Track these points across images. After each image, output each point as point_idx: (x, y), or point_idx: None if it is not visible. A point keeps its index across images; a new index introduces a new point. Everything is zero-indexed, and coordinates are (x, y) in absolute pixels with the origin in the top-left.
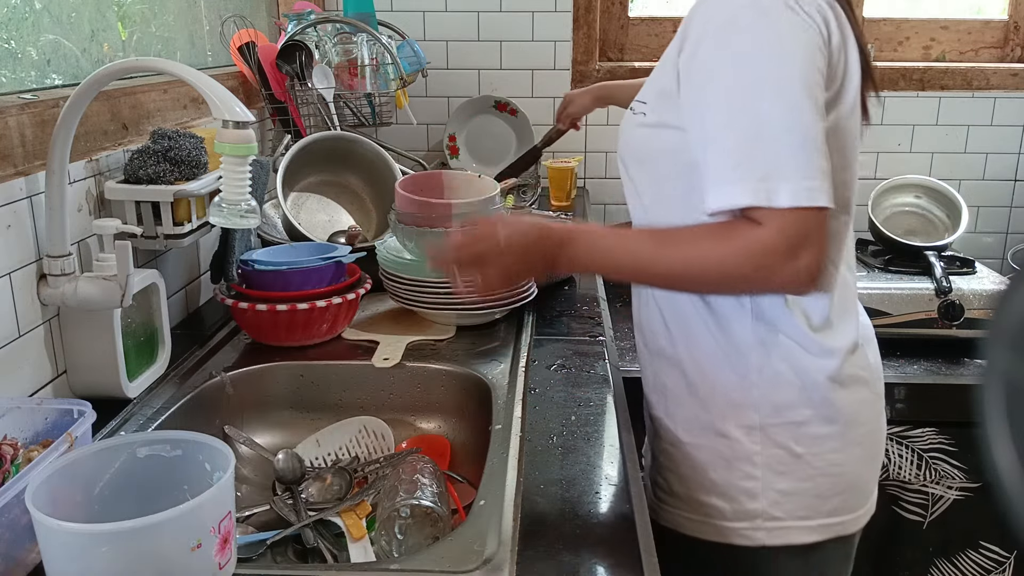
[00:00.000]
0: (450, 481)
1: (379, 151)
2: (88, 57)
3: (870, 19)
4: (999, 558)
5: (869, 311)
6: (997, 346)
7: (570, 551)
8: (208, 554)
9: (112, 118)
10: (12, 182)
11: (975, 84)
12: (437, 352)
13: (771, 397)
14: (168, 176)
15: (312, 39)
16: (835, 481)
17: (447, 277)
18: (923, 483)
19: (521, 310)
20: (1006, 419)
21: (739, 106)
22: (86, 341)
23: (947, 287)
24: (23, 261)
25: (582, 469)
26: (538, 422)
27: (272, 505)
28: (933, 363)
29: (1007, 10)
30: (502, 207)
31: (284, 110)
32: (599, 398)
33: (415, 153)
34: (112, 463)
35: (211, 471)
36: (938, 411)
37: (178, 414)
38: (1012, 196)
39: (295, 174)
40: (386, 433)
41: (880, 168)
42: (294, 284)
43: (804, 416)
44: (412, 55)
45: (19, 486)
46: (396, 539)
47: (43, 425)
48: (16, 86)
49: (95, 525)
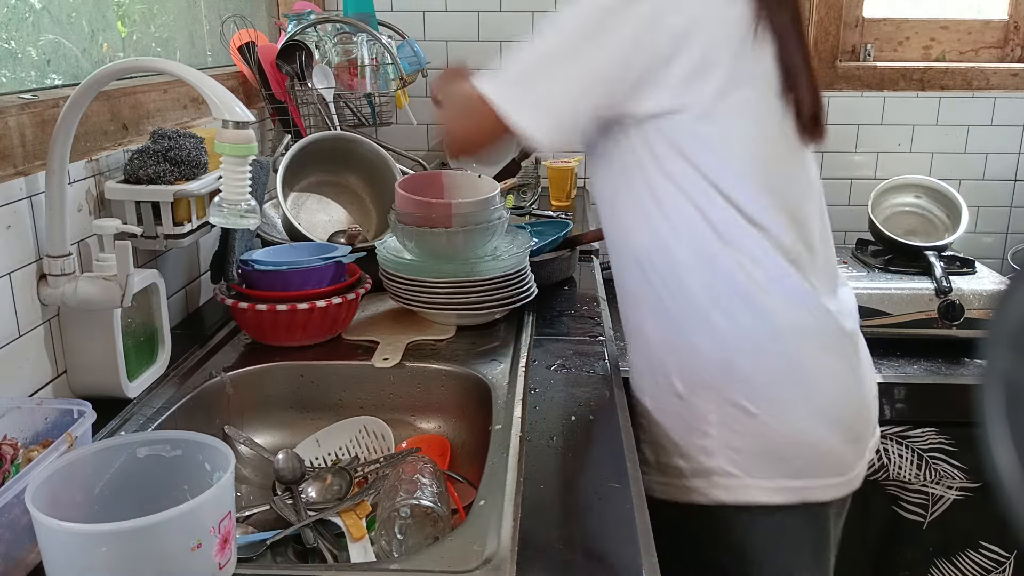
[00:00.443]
0: (450, 481)
1: (379, 151)
2: (88, 57)
3: (870, 19)
4: (999, 558)
5: (869, 311)
6: (997, 346)
7: (570, 551)
8: (208, 554)
9: (112, 118)
10: (12, 182)
11: (975, 84)
12: (437, 352)
13: (725, 357)
14: (168, 176)
15: (312, 39)
16: (796, 444)
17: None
18: (923, 483)
19: (521, 310)
20: (1006, 419)
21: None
22: (86, 341)
23: (947, 287)
24: (23, 261)
25: (582, 469)
26: (538, 422)
27: (272, 505)
28: (933, 363)
29: (1007, 10)
30: (502, 207)
31: (284, 110)
32: (599, 398)
33: (415, 153)
34: (112, 463)
35: (211, 471)
36: (938, 411)
37: (178, 414)
38: (1012, 196)
39: (295, 174)
40: (386, 433)
41: (880, 168)
42: (294, 284)
43: (758, 375)
44: (412, 55)
45: (19, 486)
46: (396, 539)
47: (43, 425)
48: (16, 86)
49: (95, 525)
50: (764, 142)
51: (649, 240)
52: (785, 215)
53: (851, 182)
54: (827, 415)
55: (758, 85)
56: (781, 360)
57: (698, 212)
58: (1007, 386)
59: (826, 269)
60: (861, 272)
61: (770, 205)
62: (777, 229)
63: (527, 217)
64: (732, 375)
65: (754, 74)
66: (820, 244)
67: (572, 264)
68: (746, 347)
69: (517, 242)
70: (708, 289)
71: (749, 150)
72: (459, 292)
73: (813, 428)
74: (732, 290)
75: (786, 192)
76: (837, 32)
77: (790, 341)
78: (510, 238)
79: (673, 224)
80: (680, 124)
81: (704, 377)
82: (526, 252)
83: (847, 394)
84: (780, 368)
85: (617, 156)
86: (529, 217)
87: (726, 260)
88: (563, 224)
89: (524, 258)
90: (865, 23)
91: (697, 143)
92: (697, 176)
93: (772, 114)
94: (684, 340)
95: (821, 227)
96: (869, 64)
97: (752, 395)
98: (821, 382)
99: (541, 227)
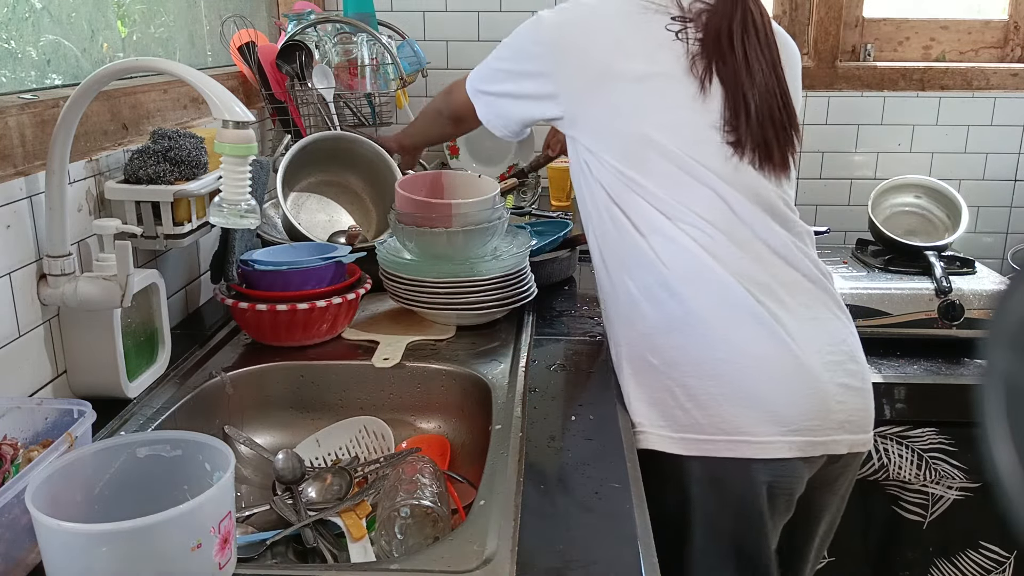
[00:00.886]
0: (450, 481)
1: (379, 151)
2: (88, 57)
3: (870, 19)
4: (999, 558)
5: (869, 311)
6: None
7: (570, 551)
8: (208, 554)
9: (112, 118)
10: (12, 182)
11: (975, 84)
12: (437, 352)
13: (633, 313)
14: (168, 176)
15: (312, 39)
16: (692, 398)
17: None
18: (923, 483)
19: (521, 310)
20: (1006, 419)
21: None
22: (86, 341)
23: (947, 287)
24: (23, 261)
25: (582, 469)
26: (538, 422)
27: (272, 505)
28: (933, 363)
29: (1007, 10)
30: (502, 207)
31: (284, 110)
32: (599, 398)
33: None
34: (112, 463)
35: (211, 471)
36: (938, 411)
37: (178, 414)
38: (1012, 196)
39: (295, 174)
40: (386, 433)
41: (880, 168)
42: (294, 284)
43: (654, 330)
44: (412, 55)
45: (19, 486)
46: (396, 539)
47: (43, 425)
48: (16, 86)
49: (95, 525)
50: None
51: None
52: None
53: (851, 182)
54: (715, 372)
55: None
56: (668, 318)
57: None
58: (1007, 386)
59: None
60: (861, 272)
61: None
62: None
63: (527, 217)
64: (637, 328)
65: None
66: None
67: (572, 264)
68: (647, 306)
69: (517, 242)
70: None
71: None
72: (459, 292)
73: (700, 381)
74: (657, 281)
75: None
76: (837, 32)
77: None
78: (510, 238)
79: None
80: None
81: (622, 332)
82: (526, 252)
83: (762, 362)
84: (668, 324)
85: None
86: (529, 217)
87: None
88: (563, 224)
89: (524, 258)
90: (865, 23)
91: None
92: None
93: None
94: (614, 301)
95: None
96: (869, 64)
97: (653, 346)
98: (727, 346)
99: (541, 227)
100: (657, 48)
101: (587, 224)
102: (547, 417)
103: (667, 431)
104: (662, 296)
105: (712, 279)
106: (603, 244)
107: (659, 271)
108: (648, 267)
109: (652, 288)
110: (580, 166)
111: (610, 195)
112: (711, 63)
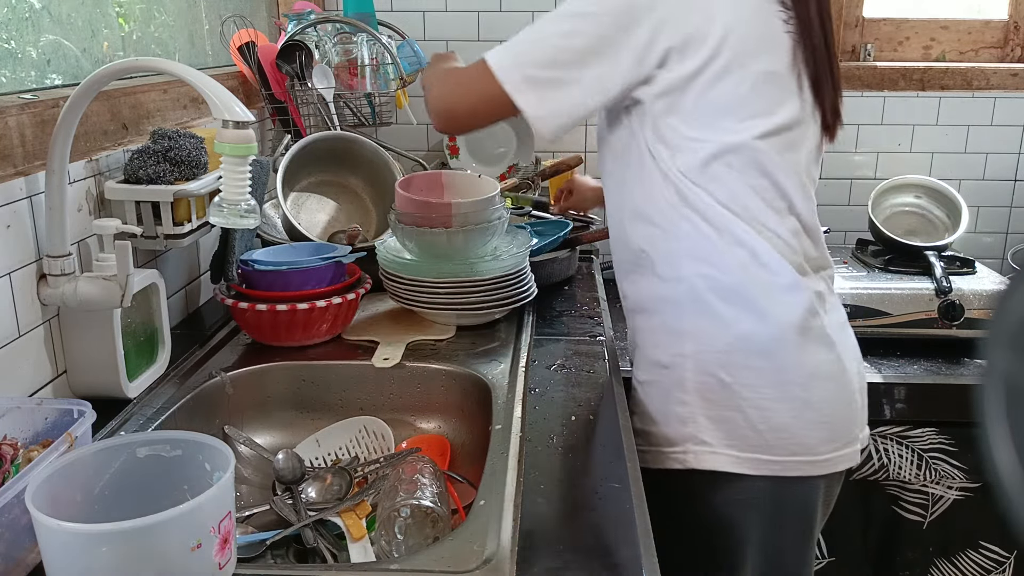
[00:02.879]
0: (450, 481)
1: (379, 151)
2: (88, 57)
3: (870, 19)
4: (999, 558)
5: (869, 311)
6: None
7: (570, 551)
8: (208, 554)
9: (112, 118)
10: (12, 182)
11: (975, 84)
12: (437, 352)
13: (701, 327)
14: (168, 176)
15: (312, 39)
16: (765, 417)
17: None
18: (923, 483)
19: (521, 310)
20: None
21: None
22: (86, 341)
23: (947, 287)
24: (23, 261)
25: (582, 469)
26: (538, 422)
27: (272, 505)
28: (933, 363)
29: (1007, 10)
30: (502, 207)
31: (284, 110)
32: (599, 398)
33: (415, 153)
34: (112, 463)
35: (211, 471)
36: (938, 411)
37: (178, 414)
38: (1012, 196)
39: (295, 174)
40: (386, 433)
41: (880, 168)
42: (294, 284)
43: (731, 348)
44: (412, 55)
45: (19, 486)
46: (396, 539)
47: (43, 425)
48: (16, 86)
49: (95, 525)
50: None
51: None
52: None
53: (851, 182)
54: (792, 392)
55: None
56: (750, 334)
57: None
58: (1007, 386)
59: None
60: (861, 272)
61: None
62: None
63: (527, 217)
64: (709, 344)
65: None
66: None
67: (572, 264)
68: (723, 320)
69: (517, 242)
70: (704, 279)
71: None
72: (459, 292)
73: (777, 400)
74: (729, 283)
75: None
76: (837, 32)
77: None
78: (510, 238)
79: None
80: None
81: (687, 347)
82: (526, 252)
83: (826, 382)
84: (750, 341)
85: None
86: (529, 217)
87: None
88: (563, 224)
89: (524, 258)
90: (865, 23)
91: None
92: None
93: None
94: (672, 311)
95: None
96: (869, 64)
97: (727, 364)
98: (785, 356)
99: (541, 227)
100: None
101: (641, 225)
102: (547, 417)
103: (733, 451)
104: (747, 315)
105: (795, 302)
106: (674, 250)
107: (747, 289)
108: (737, 286)
109: (735, 304)
110: (642, 156)
111: (685, 194)
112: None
